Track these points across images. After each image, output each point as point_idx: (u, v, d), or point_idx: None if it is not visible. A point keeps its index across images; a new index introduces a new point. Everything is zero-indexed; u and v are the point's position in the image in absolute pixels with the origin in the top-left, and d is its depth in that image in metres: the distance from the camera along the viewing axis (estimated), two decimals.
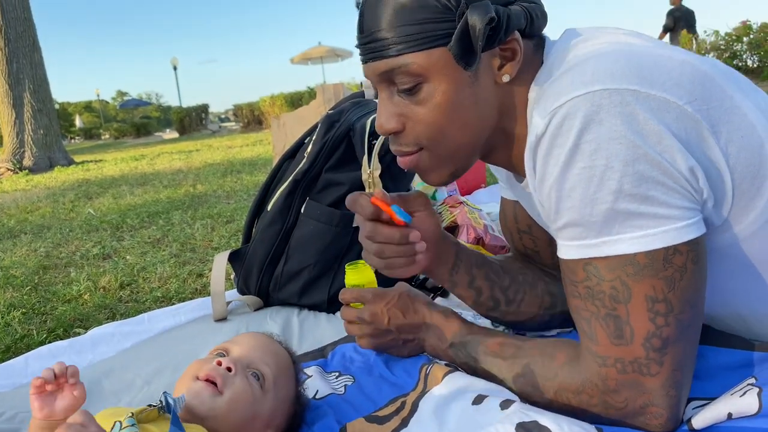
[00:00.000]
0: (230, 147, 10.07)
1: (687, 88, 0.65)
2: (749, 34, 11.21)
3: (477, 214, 1.79)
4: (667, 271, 0.64)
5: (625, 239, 0.65)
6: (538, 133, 0.67)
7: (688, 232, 0.64)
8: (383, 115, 0.77)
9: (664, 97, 0.63)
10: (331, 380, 1.02)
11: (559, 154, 0.65)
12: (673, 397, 0.68)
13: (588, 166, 0.64)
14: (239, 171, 5.82)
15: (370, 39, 0.74)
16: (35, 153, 8.73)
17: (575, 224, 0.67)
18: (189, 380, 0.80)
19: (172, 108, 34.03)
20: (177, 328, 1.41)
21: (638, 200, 0.63)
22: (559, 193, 0.67)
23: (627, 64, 0.65)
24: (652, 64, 0.65)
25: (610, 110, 0.62)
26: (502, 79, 0.75)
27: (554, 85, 0.68)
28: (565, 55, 0.73)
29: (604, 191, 0.63)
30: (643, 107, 0.62)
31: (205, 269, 2.21)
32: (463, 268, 0.97)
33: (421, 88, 0.74)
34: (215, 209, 3.53)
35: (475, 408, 0.77)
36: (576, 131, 0.63)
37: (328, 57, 23.08)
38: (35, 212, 4.19)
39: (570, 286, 0.71)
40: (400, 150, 0.79)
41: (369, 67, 0.76)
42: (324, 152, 1.43)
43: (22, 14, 8.74)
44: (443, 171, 0.81)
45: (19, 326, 1.72)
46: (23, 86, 8.72)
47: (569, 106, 0.64)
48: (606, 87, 0.63)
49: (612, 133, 0.62)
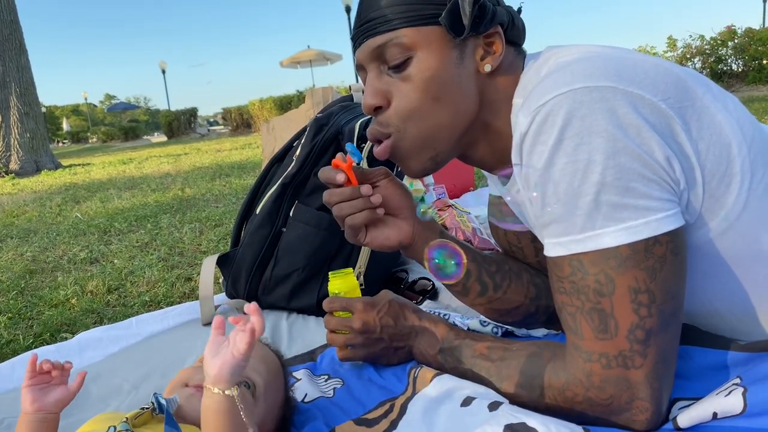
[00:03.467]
0: (219, 150, 10.04)
1: (661, 87, 0.68)
2: (734, 39, 11.36)
3: (465, 217, 1.79)
4: (648, 261, 0.67)
5: (608, 232, 0.67)
6: (522, 131, 0.70)
7: (668, 223, 0.67)
8: (369, 91, 0.81)
9: (640, 94, 0.67)
10: (320, 383, 1.02)
11: (542, 150, 0.68)
12: (656, 389, 0.69)
13: (571, 161, 0.66)
14: (228, 174, 5.81)
15: (365, 20, 0.79)
16: (22, 157, 8.66)
17: (560, 220, 0.69)
18: (179, 387, 0.80)
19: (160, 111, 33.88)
20: (165, 332, 1.41)
21: (620, 192, 0.65)
22: (544, 188, 0.69)
23: (605, 65, 0.68)
24: (629, 65, 0.69)
25: (591, 106, 0.66)
26: (484, 68, 0.80)
27: (537, 87, 0.71)
28: (546, 62, 0.77)
29: (587, 184, 0.66)
30: (621, 102, 0.66)
31: (194, 273, 2.20)
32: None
33: (409, 64, 0.78)
34: (204, 213, 3.52)
35: (463, 410, 0.77)
36: (558, 127, 0.66)
37: (317, 60, 23.09)
38: (22, 216, 4.16)
39: (556, 282, 0.73)
40: (378, 131, 0.82)
41: (363, 48, 0.80)
42: (313, 155, 1.43)
43: (8, 17, 8.69)
44: (422, 156, 0.82)
45: (5, 331, 1.71)
46: (9, 89, 8.66)
47: (552, 104, 0.67)
48: (586, 85, 0.66)
49: (593, 128, 0.65)
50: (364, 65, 0.82)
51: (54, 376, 0.77)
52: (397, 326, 0.97)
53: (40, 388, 0.75)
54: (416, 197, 2.48)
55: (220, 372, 0.64)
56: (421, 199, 2.48)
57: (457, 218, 1.74)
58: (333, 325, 1.00)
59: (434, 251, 0.93)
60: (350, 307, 0.99)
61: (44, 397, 0.75)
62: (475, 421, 0.74)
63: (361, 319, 0.97)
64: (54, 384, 0.77)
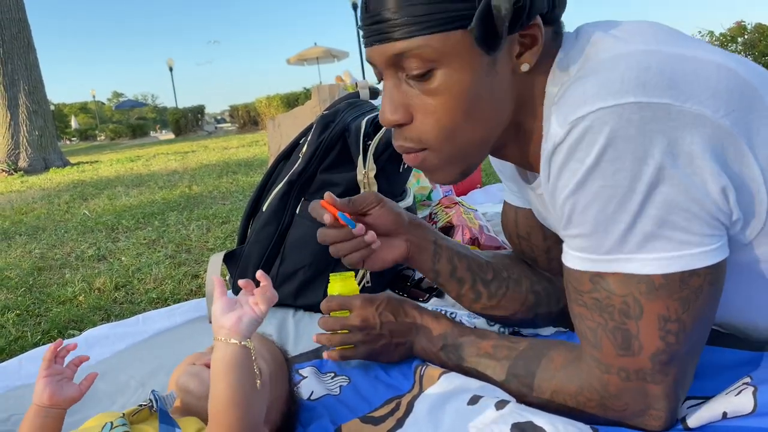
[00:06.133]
0: (226, 148, 10.06)
1: (724, 98, 0.59)
2: (744, 35, 11.26)
3: (472, 214, 1.79)
4: (683, 292, 0.62)
5: (637, 259, 0.62)
6: (555, 142, 0.62)
7: (708, 257, 0.61)
8: (389, 105, 0.70)
9: (700, 112, 0.58)
10: (326, 381, 1.02)
11: (576, 168, 0.61)
12: (673, 401, 0.68)
13: (609, 185, 0.59)
14: (235, 172, 5.82)
15: (378, 19, 0.67)
16: (30, 154, 8.70)
17: (585, 237, 0.64)
18: (186, 365, 0.80)
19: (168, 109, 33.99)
20: (172, 329, 1.41)
21: (658, 223, 0.60)
22: (574, 207, 0.63)
23: (659, 73, 0.59)
24: (687, 71, 0.60)
25: (640, 127, 0.57)
26: (522, 68, 0.69)
27: (577, 88, 0.62)
28: (586, 49, 0.68)
29: (622, 212, 0.60)
30: (676, 123, 0.57)
31: (201, 270, 2.20)
32: (445, 256, 0.95)
33: (433, 75, 0.67)
34: (211, 210, 3.52)
35: (470, 408, 0.77)
36: (600, 147, 0.58)
37: (324, 58, 23.09)
38: (30, 213, 4.18)
39: (574, 293, 0.69)
40: (403, 146, 0.73)
41: (375, 50, 0.69)
42: (319, 153, 1.43)
43: (17, 15, 8.72)
44: (452, 170, 0.75)
45: (14, 328, 1.71)
46: (18, 87, 8.69)
47: (593, 119, 0.58)
48: (638, 100, 0.57)
49: (639, 153, 0.58)
50: (378, 67, 0.72)
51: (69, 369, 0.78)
52: (397, 321, 0.96)
53: (57, 381, 0.76)
54: (423, 195, 2.48)
55: (238, 322, 0.66)
56: (428, 196, 2.48)
57: (464, 216, 1.74)
58: (330, 325, 0.98)
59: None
60: (348, 305, 0.98)
61: (61, 392, 0.76)
62: (481, 419, 0.74)
63: (360, 315, 0.96)
64: (67, 378, 0.78)
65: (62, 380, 0.77)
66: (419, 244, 0.94)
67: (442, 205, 1.88)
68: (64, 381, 0.77)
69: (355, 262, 0.88)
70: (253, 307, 0.67)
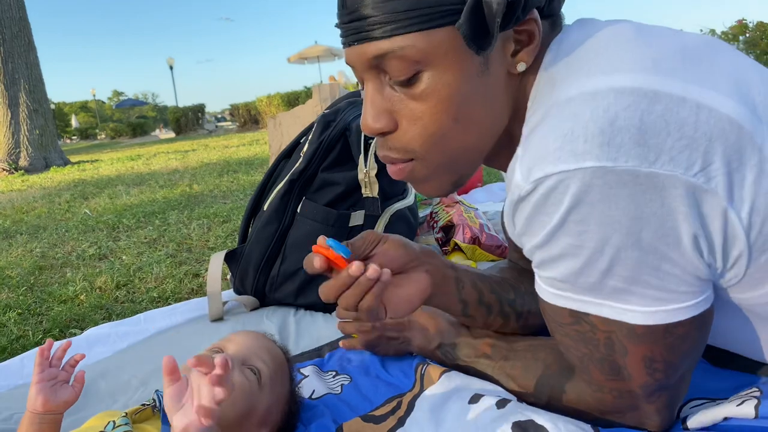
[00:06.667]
0: (227, 147, 10.05)
1: (702, 148, 0.52)
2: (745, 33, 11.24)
3: (473, 213, 1.79)
4: (668, 340, 0.59)
5: (611, 306, 0.59)
6: (521, 195, 0.57)
7: (689, 311, 0.58)
8: (371, 111, 0.64)
9: (670, 173, 0.52)
10: (327, 380, 1.02)
11: (544, 221, 0.57)
12: (667, 415, 0.67)
13: (576, 245, 0.56)
14: (236, 171, 5.81)
15: (356, 16, 0.60)
16: (31, 153, 8.70)
17: (558, 281, 0.61)
18: (185, 371, 0.80)
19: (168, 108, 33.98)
20: (173, 328, 1.41)
21: (629, 282, 0.57)
22: (544, 256, 0.60)
23: (626, 127, 0.52)
24: (661, 119, 0.52)
25: (603, 192, 0.53)
26: (517, 68, 0.63)
27: (541, 137, 0.56)
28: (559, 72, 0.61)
29: (591, 270, 0.57)
30: (643, 188, 0.52)
31: (202, 269, 2.20)
32: (468, 282, 0.84)
33: (419, 78, 0.61)
34: (211, 209, 3.52)
35: (471, 407, 0.77)
36: (564, 208, 0.55)
37: (324, 56, 23.06)
38: (31, 212, 4.18)
39: (554, 324, 0.65)
40: (388, 156, 0.67)
41: (353, 51, 0.63)
42: (320, 152, 1.43)
43: (17, 14, 8.72)
44: (443, 181, 0.69)
45: (15, 327, 1.72)
46: (18, 86, 8.69)
47: (556, 180, 0.54)
48: (600, 164, 0.52)
49: (604, 218, 0.54)
50: (358, 70, 0.65)
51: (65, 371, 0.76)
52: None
53: (51, 386, 0.75)
54: None
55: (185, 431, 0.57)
56: None
57: (465, 215, 1.73)
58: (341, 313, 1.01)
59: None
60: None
61: (55, 398, 0.74)
62: (483, 418, 0.74)
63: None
64: (61, 381, 0.77)
65: (56, 384, 0.75)
66: (441, 273, 0.80)
67: (442, 204, 1.88)
68: (58, 385, 0.75)
69: (371, 305, 0.70)
70: (202, 419, 0.57)
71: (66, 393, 0.75)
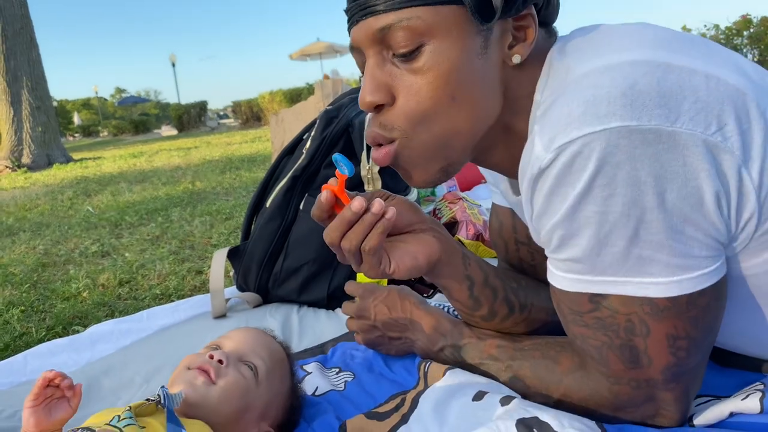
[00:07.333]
0: (229, 144, 10.06)
1: (715, 111, 0.56)
2: (749, 28, 11.20)
3: (476, 209, 1.78)
4: (691, 312, 0.60)
5: (633, 282, 0.59)
6: (541, 166, 0.58)
7: (709, 278, 0.59)
8: (369, 84, 0.65)
9: (690, 132, 0.55)
10: (331, 377, 1.02)
11: (567, 192, 0.58)
12: (684, 403, 0.67)
13: (601, 211, 0.57)
14: (238, 168, 5.82)
15: None
16: (33, 151, 8.73)
17: (577, 261, 0.61)
18: (182, 371, 0.80)
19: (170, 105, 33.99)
20: (176, 325, 1.41)
21: (654, 247, 0.57)
22: (565, 232, 0.60)
23: (647, 90, 0.55)
24: (675, 86, 0.56)
25: (629, 152, 0.54)
26: (513, 59, 0.66)
27: (561, 107, 0.58)
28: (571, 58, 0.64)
29: (617, 238, 0.57)
30: (667, 146, 0.54)
31: (204, 266, 2.20)
32: (474, 261, 0.83)
33: (421, 52, 0.63)
34: (214, 206, 3.53)
35: (475, 404, 0.77)
36: (589, 173, 0.56)
37: (326, 53, 23.06)
38: (34, 210, 4.18)
39: (571, 314, 0.66)
40: (378, 134, 0.67)
41: (360, 27, 0.65)
42: (323, 148, 1.43)
43: (19, 11, 8.73)
44: (431, 167, 0.69)
45: (18, 324, 1.72)
46: (21, 84, 8.71)
47: (581, 144, 0.55)
48: (625, 124, 0.54)
49: (630, 179, 0.55)
50: (362, 48, 0.67)
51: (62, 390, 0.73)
52: (391, 315, 0.96)
53: (44, 408, 0.70)
54: (426, 191, 2.47)
55: None
56: (431, 192, 2.47)
57: (468, 211, 1.73)
58: (345, 310, 1.04)
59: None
60: (356, 293, 1.02)
61: (48, 418, 0.70)
62: (486, 415, 0.73)
63: (358, 305, 1.00)
64: (57, 398, 0.72)
65: (51, 403, 0.71)
66: (449, 243, 0.79)
67: (446, 200, 1.87)
68: (53, 402, 0.71)
69: (375, 244, 0.68)
70: None
71: (61, 410, 0.71)
